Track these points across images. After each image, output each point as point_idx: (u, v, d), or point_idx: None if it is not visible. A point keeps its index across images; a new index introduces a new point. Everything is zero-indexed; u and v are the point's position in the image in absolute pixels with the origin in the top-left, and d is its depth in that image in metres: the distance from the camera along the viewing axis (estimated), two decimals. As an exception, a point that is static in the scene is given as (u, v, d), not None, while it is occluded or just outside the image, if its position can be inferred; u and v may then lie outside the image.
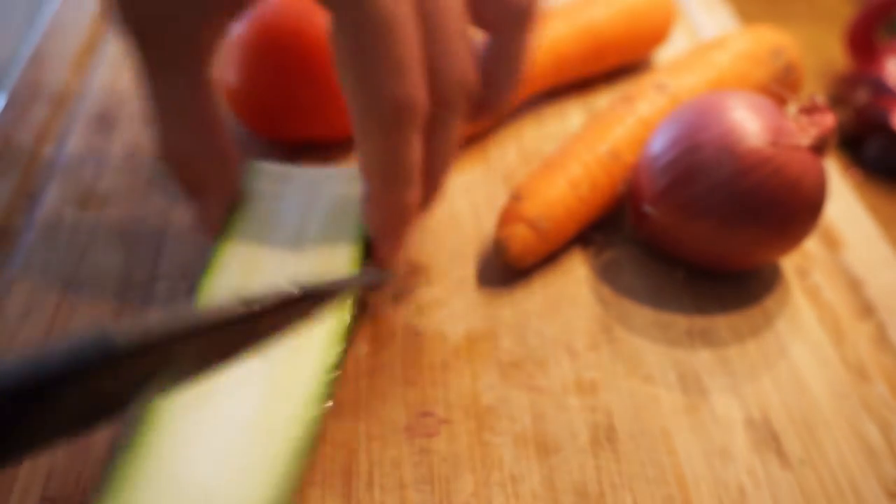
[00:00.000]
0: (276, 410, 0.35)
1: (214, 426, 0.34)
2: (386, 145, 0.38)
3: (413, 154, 0.39)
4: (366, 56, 0.36)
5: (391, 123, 0.37)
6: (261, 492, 0.33)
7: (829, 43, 0.72)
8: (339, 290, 0.35)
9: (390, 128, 0.37)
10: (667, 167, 0.45)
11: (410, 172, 0.39)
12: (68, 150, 0.55)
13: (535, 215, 0.46)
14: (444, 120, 0.40)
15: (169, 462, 0.33)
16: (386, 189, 0.39)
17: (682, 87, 0.51)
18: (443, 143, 0.41)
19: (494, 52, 0.43)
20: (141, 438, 0.34)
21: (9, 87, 0.59)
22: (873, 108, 0.60)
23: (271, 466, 0.33)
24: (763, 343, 0.44)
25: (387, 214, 0.40)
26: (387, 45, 0.36)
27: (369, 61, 0.36)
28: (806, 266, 0.49)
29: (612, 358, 0.43)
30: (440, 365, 0.42)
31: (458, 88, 0.39)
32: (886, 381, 0.43)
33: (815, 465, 0.39)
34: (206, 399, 0.35)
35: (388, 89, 0.37)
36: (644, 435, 0.40)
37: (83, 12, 0.67)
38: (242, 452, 0.34)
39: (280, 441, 0.34)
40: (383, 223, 0.40)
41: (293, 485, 0.33)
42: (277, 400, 0.36)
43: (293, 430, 0.35)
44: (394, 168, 0.39)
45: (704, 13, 0.70)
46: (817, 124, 0.44)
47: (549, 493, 0.37)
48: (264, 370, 0.36)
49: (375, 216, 0.41)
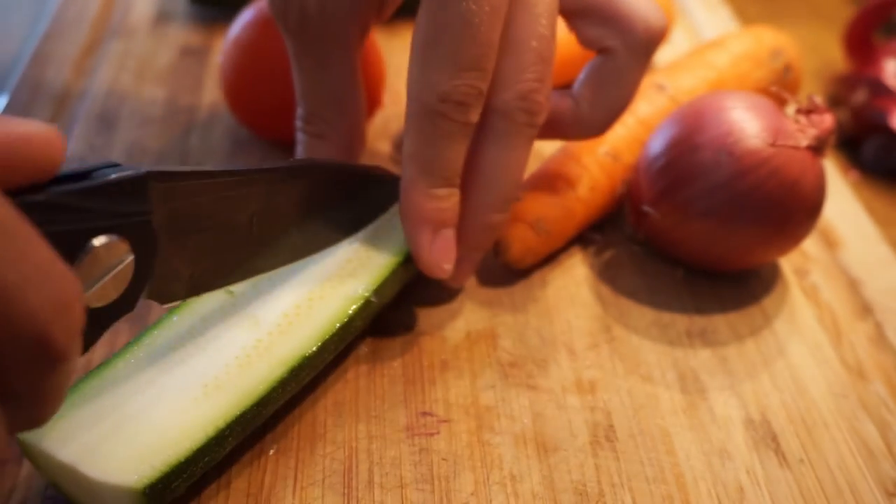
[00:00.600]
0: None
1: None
2: (423, 133, 0.39)
3: (452, 152, 0.39)
4: (434, 47, 0.38)
5: (434, 114, 0.38)
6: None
7: (828, 44, 0.72)
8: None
9: (432, 118, 0.38)
10: (666, 168, 0.45)
11: (446, 169, 0.40)
12: (69, 150, 0.55)
13: (535, 216, 0.46)
14: (501, 132, 0.40)
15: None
16: (420, 177, 0.40)
17: (681, 88, 0.52)
18: (497, 159, 0.40)
19: (605, 76, 0.42)
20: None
21: (10, 87, 0.59)
22: (871, 108, 0.61)
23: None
24: (762, 343, 0.45)
25: (415, 206, 0.40)
26: (457, 43, 0.37)
27: (434, 51, 0.38)
28: (804, 266, 0.49)
29: (612, 357, 0.43)
30: (440, 365, 0.42)
31: (522, 104, 0.39)
32: (885, 380, 0.43)
33: (814, 464, 0.39)
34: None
35: (439, 81, 0.38)
36: (643, 434, 0.40)
37: (84, 13, 0.67)
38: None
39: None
40: (412, 212, 0.40)
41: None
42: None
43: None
44: (427, 159, 0.39)
45: (704, 14, 0.70)
46: (816, 125, 0.44)
47: (548, 493, 0.37)
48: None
49: (403, 202, 0.41)
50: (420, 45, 0.38)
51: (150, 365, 0.36)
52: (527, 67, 0.39)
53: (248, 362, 0.37)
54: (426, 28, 0.38)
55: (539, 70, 0.39)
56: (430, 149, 0.39)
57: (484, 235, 0.42)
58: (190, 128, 0.57)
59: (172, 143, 0.56)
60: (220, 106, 0.59)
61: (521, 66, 0.39)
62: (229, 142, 0.56)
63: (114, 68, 0.62)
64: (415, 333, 0.44)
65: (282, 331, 0.38)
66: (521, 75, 0.39)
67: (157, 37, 0.66)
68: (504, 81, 0.39)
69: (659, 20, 0.41)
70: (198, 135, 0.56)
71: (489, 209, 0.41)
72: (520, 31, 0.39)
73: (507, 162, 0.41)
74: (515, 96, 0.39)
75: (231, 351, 0.37)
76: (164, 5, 0.69)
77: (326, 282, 0.40)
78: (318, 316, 0.39)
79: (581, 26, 0.42)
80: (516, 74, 0.39)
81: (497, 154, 0.40)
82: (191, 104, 0.59)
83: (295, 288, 0.40)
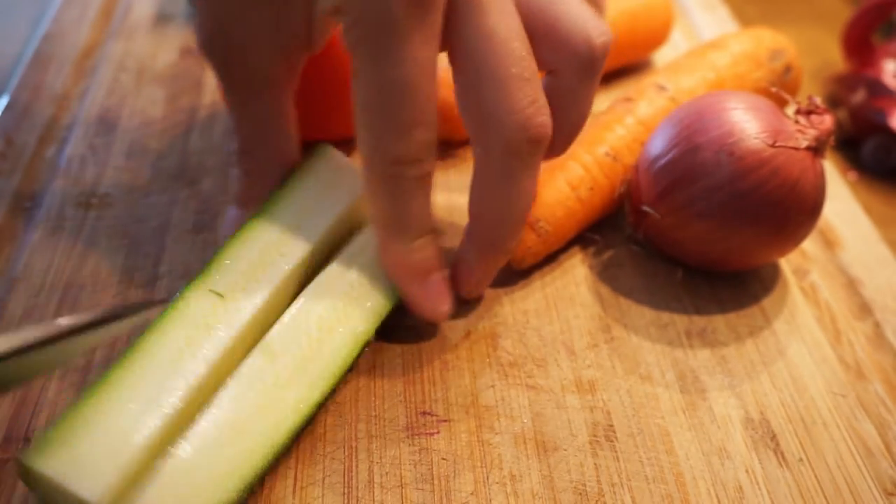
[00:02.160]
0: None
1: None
2: (384, 197, 0.39)
3: (417, 205, 0.39)
4: (376, 112, 0.37)
5: (389, 177, 0.38)
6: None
7: (827, 44, 0.72)
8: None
9: (388, 181, 0.38)
10: (666, 168, 0.45)
11: (416, 222, 0.40)
12: (69, 150, 0.55)
13: (534, 216, 0.46)
14: (511, 170, 0.39)
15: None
16: (393, 237, 0.40)
17: (681, 89, 0.52)
18: (511, 195, 0.40)
19: (556, 98, 0.41)
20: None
21: (11, 88, 0.59)
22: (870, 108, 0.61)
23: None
24: (761, 342, 0.45)
25: (395, 265, 0.41)
26: (396, 107, 0.37)
27: (378, 117, 0.37)
28: (804, 266, 0.49)
29: (611, 357, 0.43)
30: (440, 364, 0.42)
31: (525, 135, 0.38)
32: (884, 380, 0.43)
33: (813, 463, 0.39)
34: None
35: (388, 145, 0.37)
36: (643, 434, 0.40)
37: (84, 14, 0.68)
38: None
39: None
40: (395, 272, 0.41)
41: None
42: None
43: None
44: (394, 220, 0.40)
45: (703, 15, 0.70)
46: (816, 125, 0.44)
47: (548, 492, 0.37)
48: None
49: (386, 265, 0.41)
50: (362, 111, 0.38)
51: (169, 380, 0.35)
52: (515, 95, 0.37)
53: (269, 404, 0.37)
54: (364, 93, 0.37)
55: (529, 93, 0.38)
56: (394, 209, 0.39)
57: (501, 259, 0.43)
58: (190, 128, 0.57)
59: (172, 143, 0.56)
60: (220, 106, 0.59)
61: (508, 95, 0.37)
62: (229, 142, 0.56)
63: (114, 69, 0.62)
64: (415, 333, 0.44)
65: (297, 366, 0.38)
66: (513, 105, 0.38)
67: (157, 37, 0.66)
68: (498, 118, 0.38)
69: (601, 36, 0.40)
70: (198, 135, 0.56)
71: (506, 241, 0.42)
72: (492, 61, 0.37)
73: (520, 194, 0.40)
74: (516, 128, 0.38)
75: (251, 388, 0.37)
76: (164, 6, 0.69)
77: (332, 310, 0.40)
78: (327, 355, 0.39)
79: None
80: (507, 106, 0.38)
81: (512, 190, 0.40)
82: (191, 104, 0.59)
83: (302, 311, 0.40)
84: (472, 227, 0.42)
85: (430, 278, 0.41)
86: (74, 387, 0.40)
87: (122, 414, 0.34)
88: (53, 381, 0.41)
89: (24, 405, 0.40)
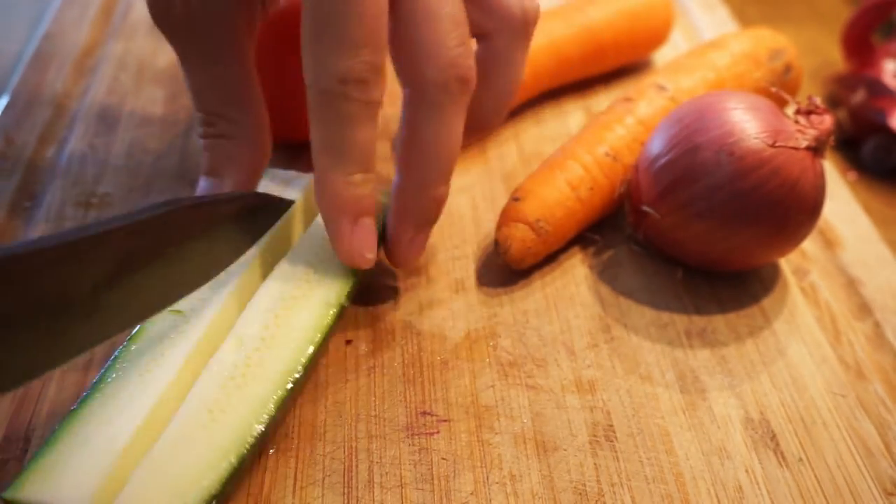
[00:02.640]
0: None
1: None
2: (327, 119, 0.38)
3: (361, 134, 0.38)
4: (322, 29, 0.37)
5: (334, 97, 0.37)
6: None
7: (827, 44, 0.72)
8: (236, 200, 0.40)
9: (333, 101, 0.37)
10: (666, 168, 0.45)
11: (359, 152, 0.39)
12: (69, 150, 0.55)
13: (534, 216, 0.46)
14: (437, 105, 0.39)
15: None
16: (334, 165, 0.39)
17: (681, 88, 0.52)
18: (440, 133, 0.40)
19: (489, 62, 0.42)
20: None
21: (11, 88, 0.59)
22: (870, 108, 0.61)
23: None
24: (761, 342, 0.45)
25: (330, 195, 0.39)
26: (343, 22, 0.36)
27: (324, 33, 0.37)
28: (804, 266, 0.49)
29: (611, 357, 0.43)
30: (440, 364, 0.42)
31: (453, 72, 0.39)
32: (883, 380, 0.43)
33: (813, 463, 0.39)
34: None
35: (334, 62, 0.37)
36: (643, 434, 0.40)
37: (85, 14, 0.68)
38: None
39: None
40: (329, 202, 0.40)
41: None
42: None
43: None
44: (336, 145, 0.38)
45: (703, 15, 0.70)
46: (816, 125, 0.44)
47: (548, 492, 0.37)
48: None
49: (318, 193, 0.40)
50: (309, 32, 0.37)
51: (139, 392, 0.36)
52: (447, 34, 0.38)
53: (245, 382, 0.37)
54: (312, 13, 0.37)
55: (460, 34, 0.39)
56: (338, 134, 0.38)
57: (431, 210, 0.42)
58: (190, 128, 0.57)
59: (172, 143, 0.56)
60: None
61: (440, 33, 0.38)
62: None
63: (114, 68, 0.62)
64: (415, 333, 0.44)
65: (267, 345, 0.38)
66: (443, 42, 0.38)
67: (157, 37, 0.66)
68: (428, 53, 0.38)
69: (532, 2, 0.42)
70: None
71: (434, 183, 0.41)
72: (429, 0, 0.38)
73: (448, 134, 0.40)
74: (445, 65, 0.39)
75: (223, 372, 0.37)
76: (164, 6, 0.69)
77: (295, 289, 0.40)
78: (298, 324, 0.39)
79: None
80: (438, 43, 0.38)
81: (436, 128, 0.40)
82: (191, 104, 0.59)
83: (266, 295, 0.40)
84: (401, 171, 0.41)
85: (362, 221, 0.40)
86: (75, 386, 0.40)
87: (98, 435, 0.34)
88: (53, 381, 0.41)
89: (24, 405, 0.40)
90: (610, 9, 0.60)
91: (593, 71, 0.61)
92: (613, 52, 0.60)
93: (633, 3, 0.60)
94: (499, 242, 0.46)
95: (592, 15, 0.59)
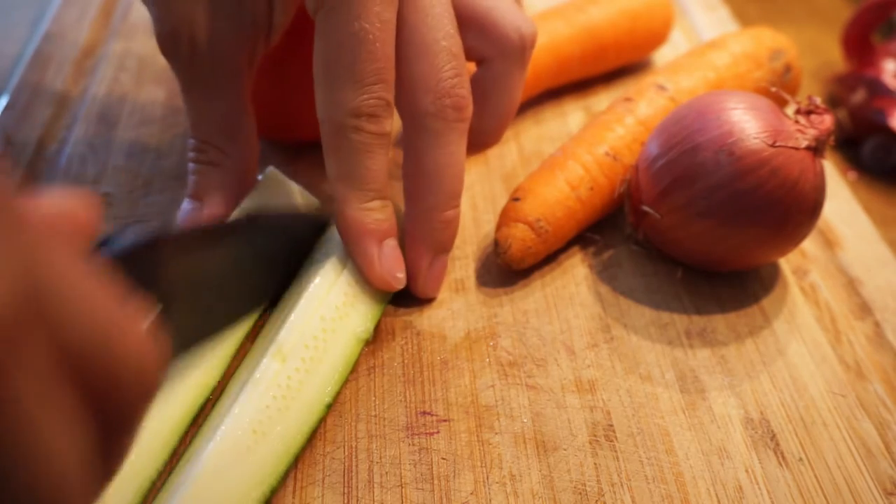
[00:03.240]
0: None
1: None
2: (343, 150, 0.40)
3: (374, 163, 0.40)
4: (336, 65, 0.39)
5: (349, 129, 0.39)
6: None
7: (827, 44, 0.72)
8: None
9: (348, 133, 0.40)
10: (666, 168, 0.45)
11: (373, 181, 0.41)
12: (69, 150, 0.55)
13: (534, 216, 0.46)
14: (436, 132, 0.41)
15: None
16: (351, 194, 0.41)
17: (681, 89, 0.52)
18: (440, 158, 0.42)
19: (488, 84, 0.44)
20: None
21: (11, 88, 0.59)
22: (870, 108, 0.61)
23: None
24: (761, 342, 0.45)
25: (353, 222, 0.41)
26: (357, 59, 0.38)
27: (339, 69, 0.39)
28: (803, 266, 0.49)
29: (611, 357, 0.43)
30: (440, 364, 0.42)
31: (448, 101, 0.41)
32: (883, 379, 0.43)
33: (813, 463, 0.39)
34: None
35: (348, 97, 0.39)
36: (643, 433, 0.40)
37: (84, 14, 0.67)
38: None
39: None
40: (352, 230, 0.41)
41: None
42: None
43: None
44: (353, 174, 0.41)
45: (703, 15, 0.70)
46: (816, 125, 0.44)
47: (548, 492, 0.37)
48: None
49: (340, 223, 0.42)
50: (321, 68, 0.40)
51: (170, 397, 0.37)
52: (442, 66, 0.41)
53: (286, 405, 0.37)
54: (324, 50, 0.39)
55: (455, 66, 0.41)
56: (353, 165, 0.40)
57: (444, 233, 0.44)
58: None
59: (172, 143, 0.56)
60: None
61: (436, 66, 0.40)
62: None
63: (114, 68, 0.62)
64: (415, 333, 0.44)
65: (307, 368, 0.39)
66: (439, 74, 0.40)
67: (158, 37, 0.66)
68: (425, 84, 0.41)
69: (530, 27, 0.44)
70: (198, 135, 0.56)
71: (442, 208, 0.43)
72: (425, 34, 0.40)
73: (449, 159, 0.42)
74: (441, 95, 0.41)
75: (268, 390, 0.37)
76: (164, 6, 0.69)
77: (333, 310, 0.41)
78: (332, 355, 0.40)
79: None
80: (435, 75, 0.40)
81: (438, 154, 0.42)
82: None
83: (306, 312, 0.40)
84: (409, 200, 0.43)
85: (387, 242, 0.42)
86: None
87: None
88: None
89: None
90: (610, 9, 0.60)
91: (593, 71, 0.61)
92: (614, 52, 0.60)
93: (634, 3, 0.60)
94: (499, 242, 0.46)
95: (593, 15, 0.59)
